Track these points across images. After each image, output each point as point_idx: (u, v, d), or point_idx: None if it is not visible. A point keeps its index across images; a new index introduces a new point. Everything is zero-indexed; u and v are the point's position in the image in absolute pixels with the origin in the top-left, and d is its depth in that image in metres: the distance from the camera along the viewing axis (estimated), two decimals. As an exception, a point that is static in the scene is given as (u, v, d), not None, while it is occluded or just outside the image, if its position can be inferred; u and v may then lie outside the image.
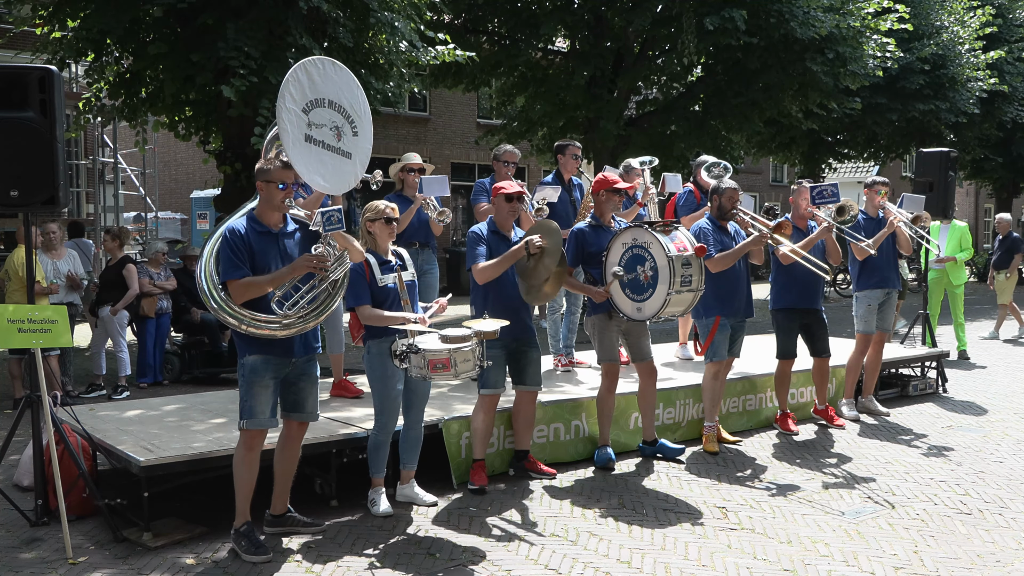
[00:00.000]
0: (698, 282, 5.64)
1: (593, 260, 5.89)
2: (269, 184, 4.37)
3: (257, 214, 4.46)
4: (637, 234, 5.68)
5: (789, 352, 6.97)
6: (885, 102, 19.93)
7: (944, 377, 8.80)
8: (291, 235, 4.51)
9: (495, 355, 5.29)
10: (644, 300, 5.63)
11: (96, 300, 9.20)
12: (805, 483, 5.76)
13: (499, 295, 5.43)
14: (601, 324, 5.94)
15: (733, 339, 6.45)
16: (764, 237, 6.09)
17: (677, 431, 6.65)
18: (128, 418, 5.84)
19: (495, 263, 5.37)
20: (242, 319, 4.29)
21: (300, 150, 4.40)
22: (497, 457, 5.78)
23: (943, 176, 9.44)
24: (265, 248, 4.37)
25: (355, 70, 9.62)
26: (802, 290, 6.88)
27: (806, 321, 6.96)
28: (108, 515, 4.71)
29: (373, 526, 4.86)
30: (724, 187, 6.40)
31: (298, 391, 4.58)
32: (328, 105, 4.55)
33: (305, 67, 4.48)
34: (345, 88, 4.66)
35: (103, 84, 10.18)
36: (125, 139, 17.54)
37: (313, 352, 4.60)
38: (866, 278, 7.40)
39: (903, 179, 31.78)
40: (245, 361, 4.38)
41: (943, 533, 4.89)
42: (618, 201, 6.03)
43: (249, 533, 4.43)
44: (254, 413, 4.38)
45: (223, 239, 4.32)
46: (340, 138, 4.60)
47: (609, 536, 4.77)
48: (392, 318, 4.86)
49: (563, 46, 17.36)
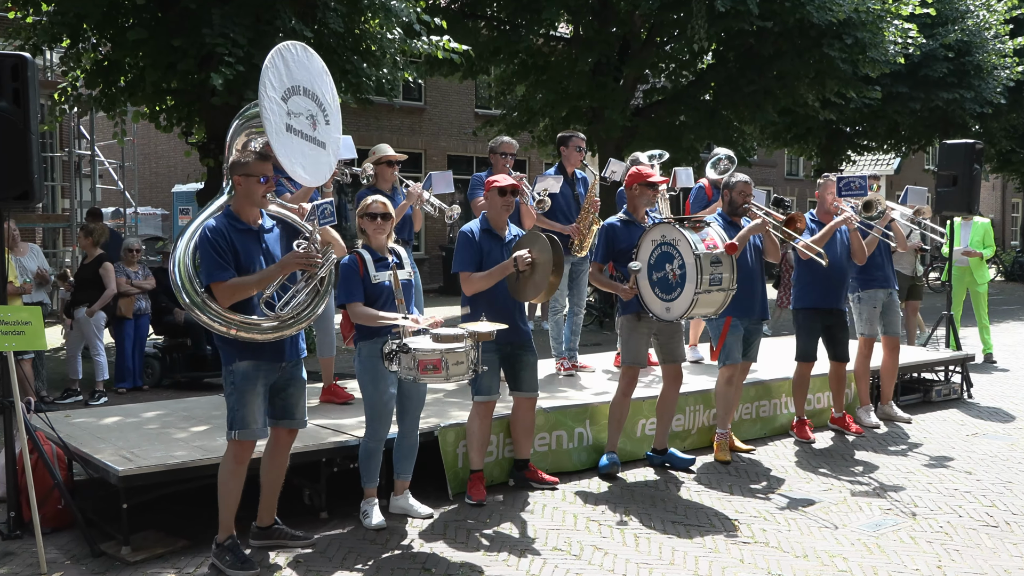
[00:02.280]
0: (729, 281, 5.67)
1: (623, 257, 5.92)
2: (249, 178, 4.34)
3: (235, 210, 4.42)
4: (666, 231, 5.72)
5: (809, 354, 6.97)
6: (907, 91, 19.91)
7: (969, 382, 8.81)
8: (270, 231, 4.50)
9: (489, 359, 5.29)
10: (673, 300, 5.66)
11: (71, 300, 9.20)
12: (822, 494, 5.76)
13: (491, 297, 5.43)
14: (630, 325, 5.98)
15: (748, 342, 6.45)
16: (766, 224, 6.09)
17: (687, 439, 6.65)
18: (106, 425, 5.83)
19: (483, 277, 5.39)
20: (231, 323, 4.26)
21: (283, 140, 4.38)
22: (496, 466, 5.79)
23: (968, 169, 9.43)
24: (248, 247, 4.35)
25: (346, 57, 9.69)
26: (826, 289, 6.87)
27: (828, 323, 6.96)
28: (84, 528, 4.71)
29: (365, 539, 4.86)
30: (735, 181, 6.40)
31: (287, 397, 4.57)
32: (303, 93, 4.55)
33: (281, 53, 4.45)
34: (316, 75, 4.66)
35: (80, 72, 10.19)
36: (103, 130, 17.53)
37: (301, 355, 4.60)
38: (869, 278, 7.40)
39: (925, 172, 31.79)
40: (234, 368, 4.36)
41: (968, 547, 4.89)
42: (652, 196, 6.05)
43: (234, 547, 4.43)
44: (246, 423, 4.37)
45: (203, 239, 4.27)
46: (315, 127, 4.59)
47: (615, 550, 4.77)
48: (384, 317, 4.86)
49: (566, 31, 17.33)
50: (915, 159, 31.23)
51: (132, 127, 12.62)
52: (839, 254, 6.86)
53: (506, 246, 5.53)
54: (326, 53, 9.62)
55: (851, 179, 6.87)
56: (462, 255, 5.47)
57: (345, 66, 9.69)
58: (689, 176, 7.79)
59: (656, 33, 15.90)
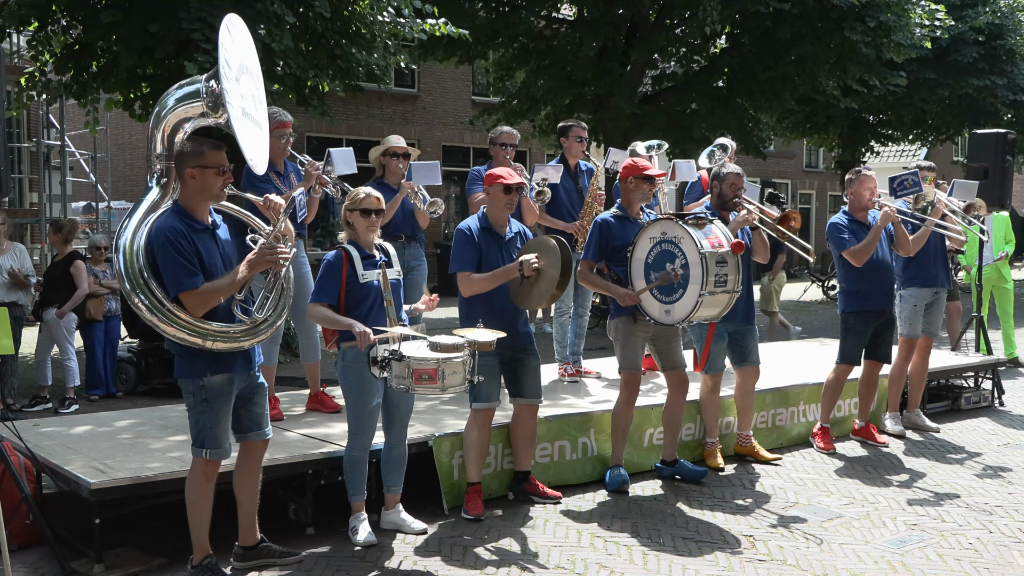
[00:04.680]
0: (734, 282, 5.65)
1: (618, 255, 5.88)
2: (205, 171, 4.20)
3: (187, 208, 4.26)
4: (667, 227, 5.68)
5: (854, 358, 6.97)
6: (934, 77, 19.93)
7: (1000, 388, 8.81)
8: (219, 228, 4.40)
9: (489, 365, 5.29)
10: (674, 302, 5.63)
11: (40, 301, 9.19)
12: (843, 508, 5.76)
13: (490, 300, 5.43)
14: (625, 328, 5.94)
15: (744, 347, 6.47)
16: (752, 217, 6.07)
17: (697, 449, 6.66)
18: (77, 435, 5.84)
19: (484, 279, 5.38)
20: (206, 334, 4.15)
21: (242, 125, 4.20)
22: (494, 479, 5.79)
23: (999, 160, 9.44)
24: (208, 248, 4.24)
25: (335, 41, 9.69)
26: (877, 291, 6.86)
27: (877, 324, 6.95)
28: (54, 545, 4.70)
29: (354, 557, 4.86)
30: (726, 172, 6.39)
31: (253, 407, 4.53)
32: (246, 72, 4.38)
33: (227, 28, 4.25)
34: (249, 48, 4.45)
35: (49, 56, 10.19)
36: (74, 119, 17.52)
37: (259, 360, 4.58)
38: (911, 275, 7.40)
39: (954, 164, 31.78)
40: (206, 383, 4.27)
41: (999, 564, 4.89)
42: (648, 190, 6.01)
43: (214, 567, 4.43)
44: (218, 442, 4.34)
45: (164, 242, 4.09)
46: (256, 107, 4.44)
47: (621, 568, 4.77)
48: (339, 321, 4.84)
49: (569, 13, 17.34)
50: (943, 150, 31.22)
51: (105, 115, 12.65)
52: (884, 252, 6.86)
53: (506, 245, 5.53)
54: (313, 38, 9.64)
55: (903, 177, 6.74)
56: (460, 254, 5.46)
57: (334, 51, 9.69)
58: (691, 169, 7.78)
59: (666, 15, 15.90)
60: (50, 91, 10.58)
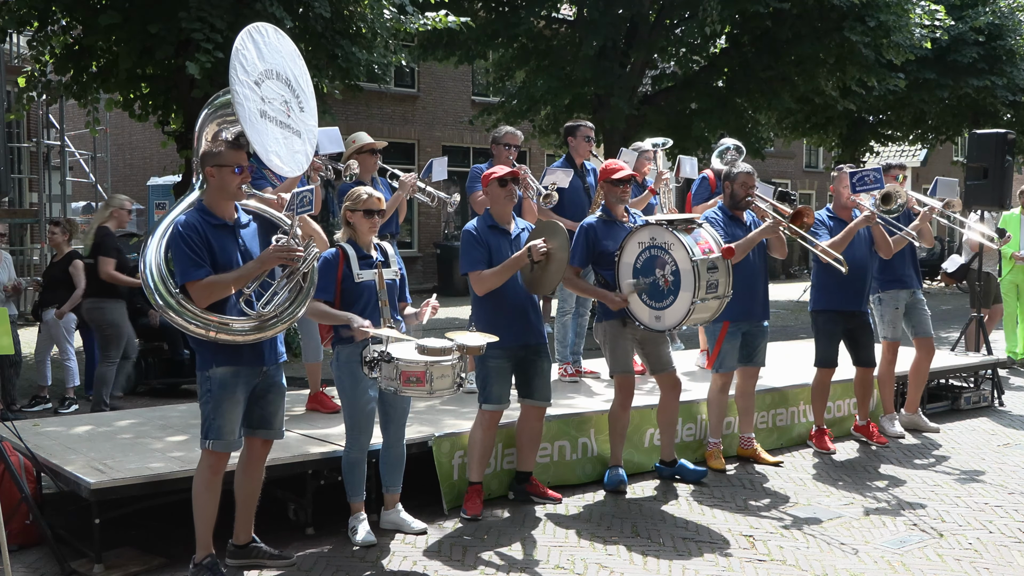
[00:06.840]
0: (725, 287, 5.62)
1: (604, 260, 5.87)
2: (222, 169, 4.32)
3: (208, 205, 4.39)
4: (656, 232, 5.65)
5: (830, 360, 6.96)
6: (934, 77, 19.92)
7: (1000, 388, 8.81)
8: (246, 227, 4.48)
9: (500, 365, 5.29)
10: (664, 308, 5.60)
11: (39, 301, 9.19)
12: (843, 508, 5.76)
13: (503, 296, 5.42)
14: (613, 332, 5.93)
15: (753, 347, 6.46)
16: (780, 224, 6.07)
17: (698, 450, 6.66)
18: (77, 435, 5.84)
19: (495, 272, 5.37)
20: (209, 324, 4.24)
21: (257, 127, 4.37)
22: (495, 479, 5.79)
23: (999, 161, 9.44)
24: (224, 243, 4.33)
25: (335, 40, 9.69)
26: (846, 290, 6.85)
27: (850, 326, 6.96)
28: (54, 545, 4.71)
29: (354, 557, 4.86)
30: (737, 172, 6.39)
31: (266, 405, 4.56)
32: (276, 78, 4.57)
33: (251, 35, 4.46)
34: (289, 59, 4.67)
35: (49, 57, 10.19)
36: (73, 119, 17.52)
37: (281, 359, 4.59)
38: (890, 277, 7.39)
39: (954, 164, 31.77)
40: (212, 374, 4.33)
41: (999, 565, 4.89)
42: (621, 193, 5.96)
43: (214, 566, 4.43)
44: (222, 433, 4.36)
45: (176, 235, 4.25)
46: (290, 114, 4.61)
47: (621, 568, 4.78)
48: (336, 316, 4.86)
49: (569, 13, 17.34)
50: (943, 150, 31.21)
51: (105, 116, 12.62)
52: (861, 253, 6.84)
53: (514, 241, 5.53)
54: (312, 39, 9.64)
55: (864, 173, 6.68)
56: (469, 255, 5.45)
57: (335, 51, 9.69)
58: (694, 165, 7.78)
59: (666, 15, 15.91)
60: (50, 91, 10.58)
